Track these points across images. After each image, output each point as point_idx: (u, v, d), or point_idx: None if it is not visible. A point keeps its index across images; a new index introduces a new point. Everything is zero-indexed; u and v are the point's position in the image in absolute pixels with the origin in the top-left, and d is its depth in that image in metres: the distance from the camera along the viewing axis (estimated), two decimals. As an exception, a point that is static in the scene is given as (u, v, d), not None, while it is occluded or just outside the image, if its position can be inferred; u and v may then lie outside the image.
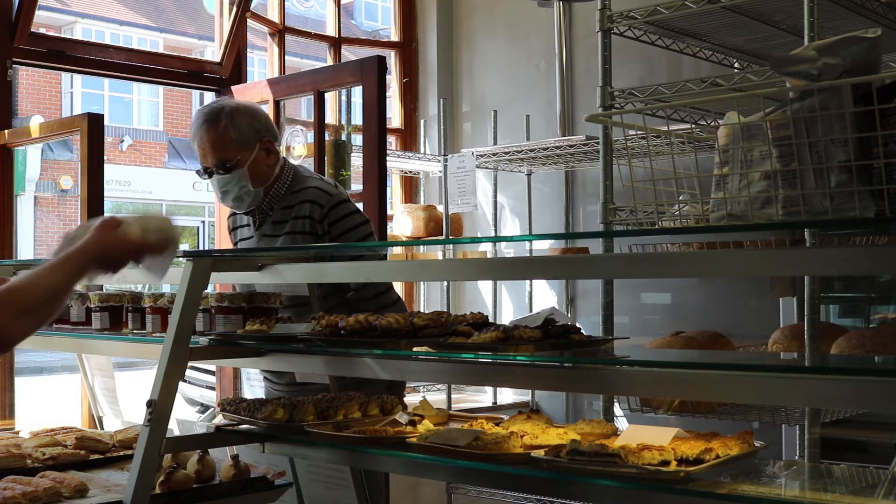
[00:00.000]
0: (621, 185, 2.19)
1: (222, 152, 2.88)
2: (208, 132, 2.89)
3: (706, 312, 4.41)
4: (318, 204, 2.87)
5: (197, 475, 2.29)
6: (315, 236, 2.87)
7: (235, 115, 2.89)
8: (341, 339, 2.11)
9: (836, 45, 1.68)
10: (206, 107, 2.97)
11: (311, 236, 2.86)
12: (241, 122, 2.89)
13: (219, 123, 2.88)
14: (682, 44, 3.44)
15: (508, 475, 1.89)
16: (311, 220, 2.87)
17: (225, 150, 2.88)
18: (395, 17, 5.74)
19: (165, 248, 1.97)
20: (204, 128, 2.89)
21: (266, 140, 2.93)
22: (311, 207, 2.87)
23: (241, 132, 2.88)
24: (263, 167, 2.92)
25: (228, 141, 2.87)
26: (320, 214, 2.86)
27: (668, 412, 3.03)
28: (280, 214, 2.92)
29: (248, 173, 2.89)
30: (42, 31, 6.36)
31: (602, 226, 3.20)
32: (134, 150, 21.35)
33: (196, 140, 2.93)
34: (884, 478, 1.83)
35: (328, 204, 2.88)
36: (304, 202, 2.89)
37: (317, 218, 2.86)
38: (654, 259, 2.07)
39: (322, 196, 2.90)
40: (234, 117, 2.88)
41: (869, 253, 1.85)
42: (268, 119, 3.02)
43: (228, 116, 2.88)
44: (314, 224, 2.87)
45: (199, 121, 2.91)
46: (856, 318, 3.87)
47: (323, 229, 2.87)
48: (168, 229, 1.97)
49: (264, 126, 2.95)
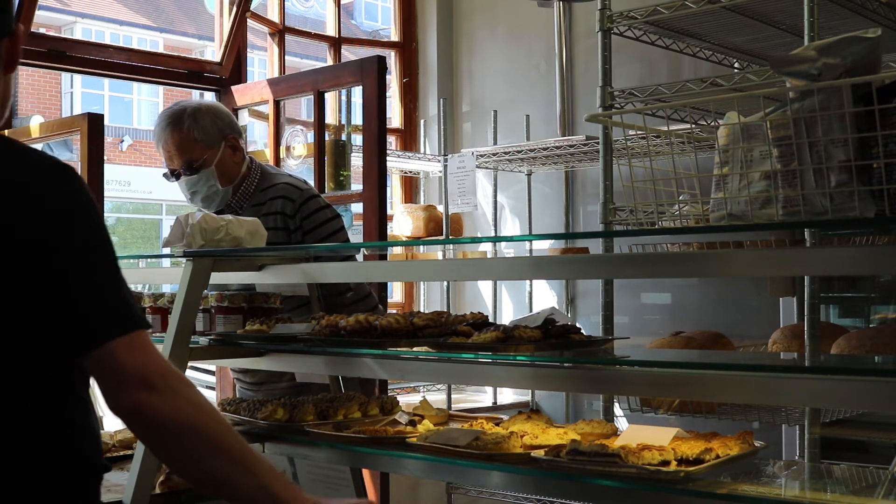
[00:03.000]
0: (621, 185, 2.19)
1: (188, 153, 2.90)
2: (172, 134, 2.90)
3: (706, 312, 4.40)
4: (290, 199, 2.89)
5: (197, 475, 2.29)
6: (287, 232, 2.88)
7: (198, 115, 2.91)
8: (341, 339, 2.11)
9: (836, 45, 1.68)
10: (166, 110, 2.98)
11: (283, 232, 2.87)
12: (203, 122, 2.91)
13: (182, 125, 2.89)
14: (682, 44, 3.44)
15: (508, 475, 1.89)
16: (283, 215, 2.88)
17: (191, 151, 2.90)
18: (395, 17, 5.74)
19: None
20: (168, 130, 2.91)
21: (231, 137, 2.95)
22: (282, 203, 2.89)
23: (206, 132, 2.90)
24: (230, 165, 2.94)
25: (193, 141, 2.90)
26: (292, 209, 2.88)
27: (668, 412, 3.03)
28: (251, 212, 2.92)
29: (215, 172, 2.92)
30: (42, 31, 6.36)
31: (602, 226, 3.20)
32: (134, 150, 21.34)
33: (161, 143, 2.94)
34: (884, 478, 1.83)
35: (300, 199, 2.90)
36: (275, 198, 2.91)
37: (288, 213, 2.88)
38: (654, 259, 2.07)
39: (293, 191, 2.92)
40: (197, 117, 2.90)
41: (869, 253, 1.86)
42: (231, 117, 3.04)
43: (191, 117, 2.90)
44: (286, 219, 2.88)
45: (162, 124, 2.93)
46: (856, 318, 3.87)
47: (295, 224, 2.88)
48: None
49: (227, 124, 2.97)
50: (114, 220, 21.75)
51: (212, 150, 2.91)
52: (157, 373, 1.50)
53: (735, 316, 4.27)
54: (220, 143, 2.92)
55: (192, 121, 2.90)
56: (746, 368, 1.80)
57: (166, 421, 1.50)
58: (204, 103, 3.01)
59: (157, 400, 1.49)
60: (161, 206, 21.79)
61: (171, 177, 2.97)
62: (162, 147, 2.94)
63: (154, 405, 1.49)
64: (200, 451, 1.53)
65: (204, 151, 2.90)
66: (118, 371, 1.48)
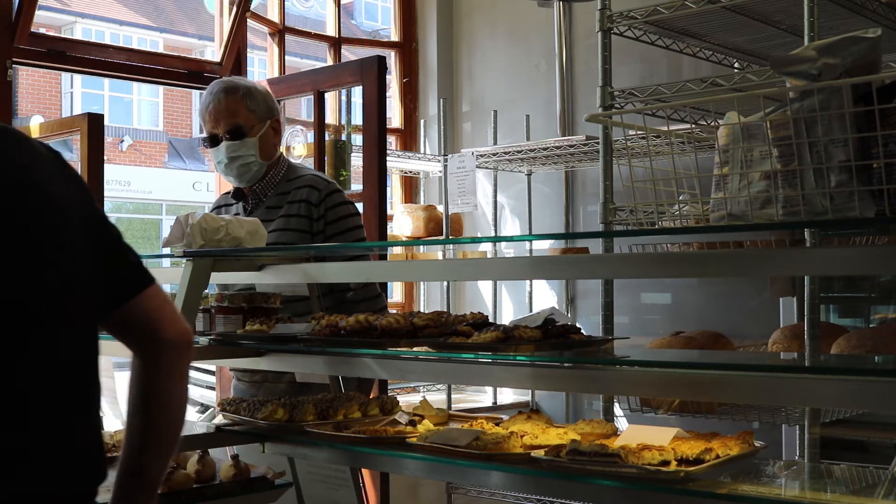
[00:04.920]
0: (621, 185, 2.19)
1: (236, 118, 2.98)
2: (226, 97, 2.98)
3: (706, 312, 4.40)
4: (316, 188, 2.96)
5: (197, 475, 2.28)
6: (309, 220, 2.93)
7: (252, 90, 3.04)
8: (341, 339, 2.11)
9: (836, 45, 1.68)
10: (220, 80, 3.09)
11: (306, 219, 2.92)
12: (257, 96, 3.03)
13: (237, 92, 3.00)
14: (682, 44, 3.44)
15: (508, 475, 1.89)
16: (308, 203, 2.94)
17: (239, 117, 2.98)
18: (395, 17, 5.74)
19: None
20: (222, 94, 2.99)
21: (275, 120, 3.07)
22: (308, 192, 2.95)
23: (258, 104, 3.01)
24: (269, 144, 3.04)
25: (244, 109, 2.99)
26: (317, 198, 2.94)
27: (668, 412, 3.03)
28: (275, 200, 3.00)
29: (258, 144, 2.99)
30: (42, 31, 6.36)
31: (602, 226, 3.21)
32: (134, 150, 21.34)
33: (210, 105, 2.99)
34: (884, 478, 1.83)
35: (325, 189, 2.97)
36: (301, 187, 2.97)
37: (313, 202, 2.93)
38: (654, 259, 2.07)
39: (320, 182, 3.00)
40: (251, 91, 3.03)
41: (869, 253, 1.86)
42: (277, 104, 3.17)
43: (245, 88, 3.03)
44: (310, 207, 2.93)
45: (215, 88, 3.01)
46: (856, 318, 3.87)
47: (318, 213, 2.93)
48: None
49: (275, 108, 3.10)
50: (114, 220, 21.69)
51: (259, 123, 3.00)
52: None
53: (735, 316, 4.27)
54: (267, 120, 3.03)
55: (246, 91, 3.01)
56: (746, 368, 1.80)
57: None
58: (259, 83, 3.15)
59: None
60: (161, 206, 21.79)
61: (207, 142, 3.04)
62: (210, 110, 2.99)
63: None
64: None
65: (252, 121, 2.99)
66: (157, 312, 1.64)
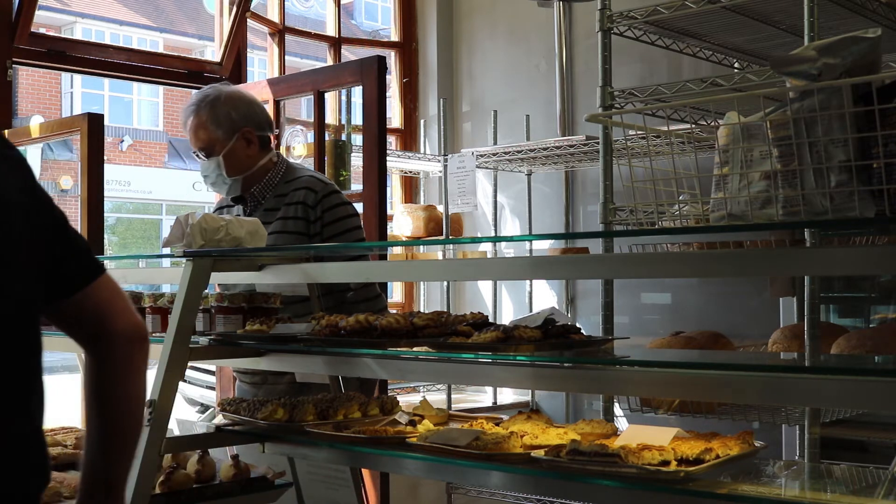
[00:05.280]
0: (621, 185, 2.19)
1: (199, 139, 3.00)
2: (190, 118, 3.01)
3: (706, 312, 4.40)
4: (313, 190, 2.95)
5: (197, 475, 2.29)
6: (307, 222, 2.92)
7: (216, 104, 2.98)
8: (341, 339, 2.11)
9: (836, 45, 1.67)
10: (198, 92, 3.07)
11: (303, 221, 2.92)
12: (219, 111, 2.97)
13: (200, 111, 2.98)
14: (682, 44, 3.44)
15: (508, 475, 1.89)
16: (304, 205, 2.92)
17: (203, 138, 2.99)
18: (395, 17, 5.74)
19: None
20: (189, 114, 3.01)
21: (246, 130, 2.99)
22: (305, 193, 2.94)
23: (218, 121, 2.97)
24: (242, 157, 2.99)
25: (205, 129, 2.98)
26: (314, 200, 2.93)
27: (668, 412, 3.03)
28: (273, 202, 3.00)
29: (223, 161, 2.98)
30: (42, 31, 6.36)
31: (602, 226, 3.20)
32: (134, 150, 21.34)
33: (185, 123, 3.05)
34: (884, 478, 1.83)
35: (322, 191, 2.95)
36: (298, 189, 2.96)
37: (310, 203, 2.92)
38: (654, 259, 2.07)
39: (317, 183, 2.98)
40: (215, 106, 2.97)
41: (869, 253, 1.86)
42: (253, 110, 3.05)
43: (210, 105, 2.98)
44: (307, 209, 2.92)
45: (187, 108, 3.03)
46: (856, 318, 3.87)
47: (315, 215, 2.92)
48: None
49: (245, 116, 3.00)
50: (114, 220, 21.74)
51: (223, 139, 2.98)
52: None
53: (735, 316, 4.27)
54: (234, 134, 2.98)
55: (209, 109, 2.98)
56: (746, 368, 1.80)
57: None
58: (229, 92, 3.06)
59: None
60: (161, 206, 21.79)
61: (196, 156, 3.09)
62: (187, 128, 3.04)
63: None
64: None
65: (214, 140, 2.98)
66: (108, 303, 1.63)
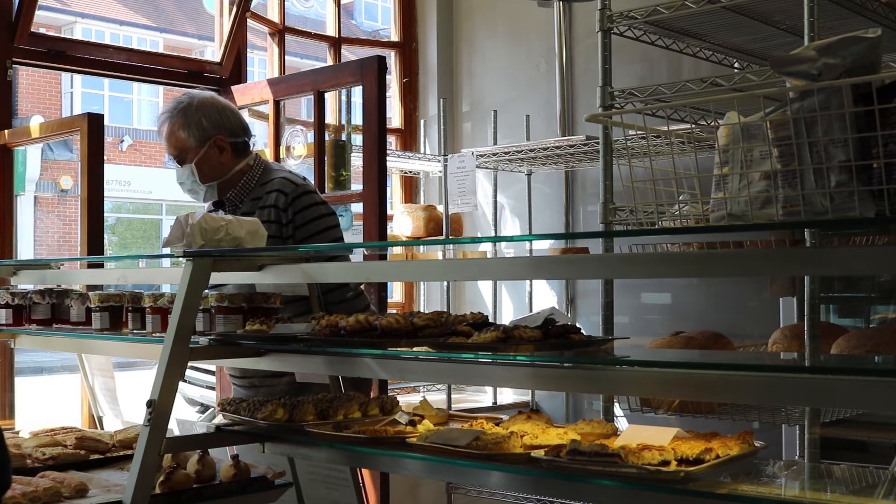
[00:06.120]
0: (621, 185, 2.19)
1: (172, 147, 3.04)
2: (163, 126, 3.05)
3: (706, 312, 4.40)
4: (283, 192, 2.95)
5: (197, 475, 2.29)
6: (279, 225, 2.93)
7: (188, 112, 3.00)
8: (341, 339, 2.11)
9: (836, 45, 1.67)
10: (172, 99, 3.10)
11: (276, 225, 2.92)
12: (191, 120, 3.00)
13: (172, 120, 3.02)
14: (682, 44, 3.44)
15: (508, 475, 1.89)
16: (276, 208, 2.93)
17: (175, 146, 3.03)
18: (395, 17, 5.74)
19: None
20: (162, 122, 3.05)
21: (218, 138, 3.01)
22: (276, 196, 2.95)
23: (190, 130, 3.00)
24: (214, 164, 3.02)
25: (177, 136, 3.01)
26: (284, 203, 2.93)
27: (668, 412, 3.03)
28: (249, 206, 3.01)
29: (195, 169, 3.01)
30: (42, 31, 6.36)
31: (602, 226, 3.20)
32: (134, 150, 21.34)
33: (159, 131, 3.09)
34: (884, 478, 1.83)
35: (293, 193, 2.95)
36: (270, 192, 2.97)
37: (281, 206, 2.93)
38: (654, 259, 2.07)
39: (287, 185, 2.97)
40: (187, 114, 3.00)
41: (869, 253, 1.85)
42: (225, 116, 3.05)
43: (181, 114, 3.00)
44: (279, 213, 2.93)
45: (162, 114, 3.07)
46: (856, 318, 3.87)
47: (287, 218, 2.93)
48: None
49: (216, 124, 3.02)
50: (114, 220, 21.75)
51: (195, 147, 3.00)
52: None
53: (735, 316, 4.27)
54: (206, 142, 3.00)
55: (180, 117, 3.00)
56: (746, 368, 1.79)
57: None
58: (202, 99, 3.05)
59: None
60: (161, 206, 21.79)
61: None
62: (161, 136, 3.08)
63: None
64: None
65: (186, 148, 3.01)
66: None
